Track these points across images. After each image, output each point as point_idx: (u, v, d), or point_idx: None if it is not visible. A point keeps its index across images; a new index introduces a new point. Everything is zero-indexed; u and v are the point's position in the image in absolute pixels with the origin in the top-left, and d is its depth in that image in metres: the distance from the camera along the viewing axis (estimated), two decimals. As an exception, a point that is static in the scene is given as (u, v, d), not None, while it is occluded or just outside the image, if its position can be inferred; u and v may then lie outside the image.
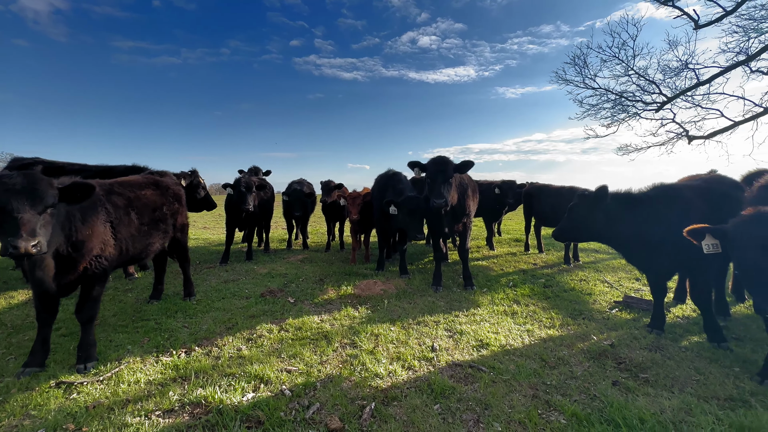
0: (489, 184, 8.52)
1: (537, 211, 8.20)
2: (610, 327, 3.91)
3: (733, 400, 2.56)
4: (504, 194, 8.22)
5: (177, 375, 2.88)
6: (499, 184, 8.28)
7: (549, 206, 7.67)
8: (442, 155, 4.83)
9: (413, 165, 5.02)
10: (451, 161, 4.77)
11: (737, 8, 8.39)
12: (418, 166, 4.97)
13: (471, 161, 4.83)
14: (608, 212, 3.73)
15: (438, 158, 4.78)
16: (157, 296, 4.67)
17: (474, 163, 4.82)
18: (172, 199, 4.34)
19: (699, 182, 4.01)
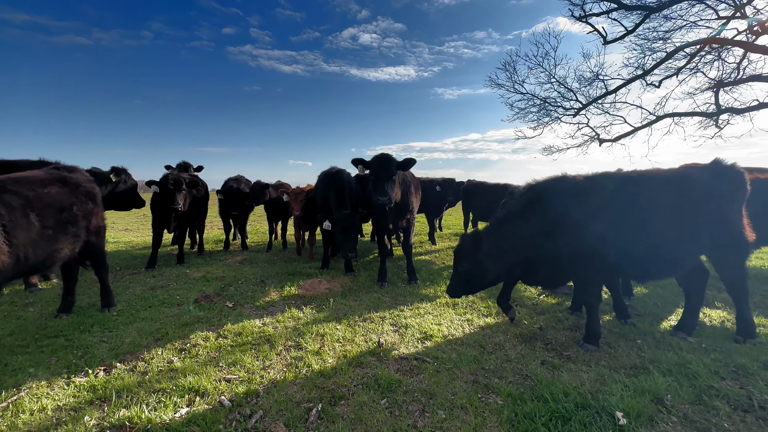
0: (430, 182, 8.83)
1: (475, 207, 8.72)
2: (539, 312, 4.29)
3: (637, 368, 2.97)
4: (444, 191, 8.59)
5: (94, 397, 2.55)
6: (439, 182, 8.63)
7: (486, 202, 8.21)
8: (385, 153, 4.90)
9: (357, 162, 5.04)
10: (394, 159, 4.84)
11: (636, 28, 9.67)
12: (362, 163, 5.01)
13: (413, 159, 4.96)
14: None
15: (381, 156, 4.83)
16: (66, 309, 4.08)
17: (416, 160, 4.95)
18: (84, 197, 3.82)
19: None
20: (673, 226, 3.28)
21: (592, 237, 3.22)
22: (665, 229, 3.28)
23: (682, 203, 3.28)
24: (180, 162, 8.18)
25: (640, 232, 3.27)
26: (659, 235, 3.28)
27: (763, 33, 8.47)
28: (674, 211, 3.28)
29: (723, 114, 9.88)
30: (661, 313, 4.19)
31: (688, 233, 3.29)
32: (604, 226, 3.24)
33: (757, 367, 2.89)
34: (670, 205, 3.28)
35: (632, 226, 3.27)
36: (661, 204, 3.28)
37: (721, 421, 2.28)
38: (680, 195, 3.30)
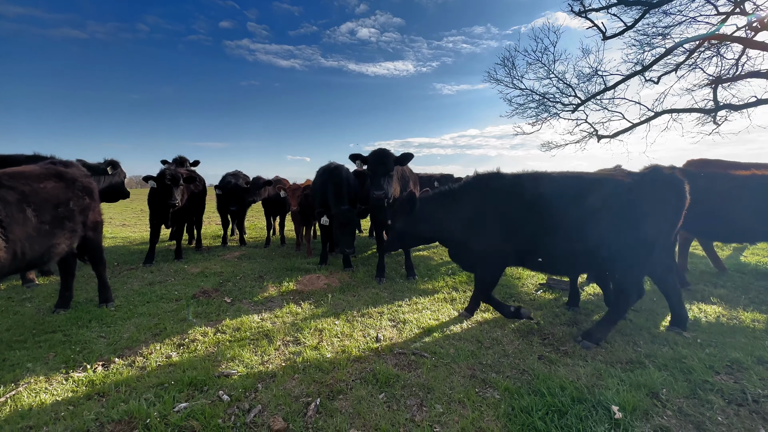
0: (429, 177, 8.83)
1: None
2: (536, 307, 4.31)
3: (633, 362, 2.99)
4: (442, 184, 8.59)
5: (93, 391, 2.55)
6: (438, 178, 8.63)
7: None
8: (383, 148, 4.90)
9: (355, 157, 5.02)
10: (391, 154, 4.83)
11: (635, 24, 9.64)
12: (360, 158, 4.98)
13: (411, 153, 4.94)
14: None
15: (379, 151, 4.82)
16: (64, 305, 4.08)
17: (414, 155, 4.94)
18: (80, 192, 3.80)
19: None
20: (590, 228, 3.29)
21: (501, 229, 3.52)
22: (579, 229, 3.32)
23: (602, 206, 3.27)
24: (176, 157, 8.15)
25: (552, 230, 3.40)
26: (572, 234, 3.35)
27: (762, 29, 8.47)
28: (592, 214, 3.28)
29: (721, 110, 9.89)
30: (657, 308, 4.22)
31: (607, 235, 3.26)
32: (514, 221, 3.47)
33: (751, 361, 2.92)
34: (588, 208, 3.29)
35: (544, 224, 3.40)
36: (577, 206, 3.32)
37: (715, 415, 2.31)
38: (602, 199, 3.29)
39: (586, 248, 3.37)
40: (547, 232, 3.43)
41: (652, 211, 3.22)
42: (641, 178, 3.37)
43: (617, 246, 3.26)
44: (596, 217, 3.28)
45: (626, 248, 3.27)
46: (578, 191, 3.39)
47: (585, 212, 3.31)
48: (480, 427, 2.22)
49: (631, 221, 3.22)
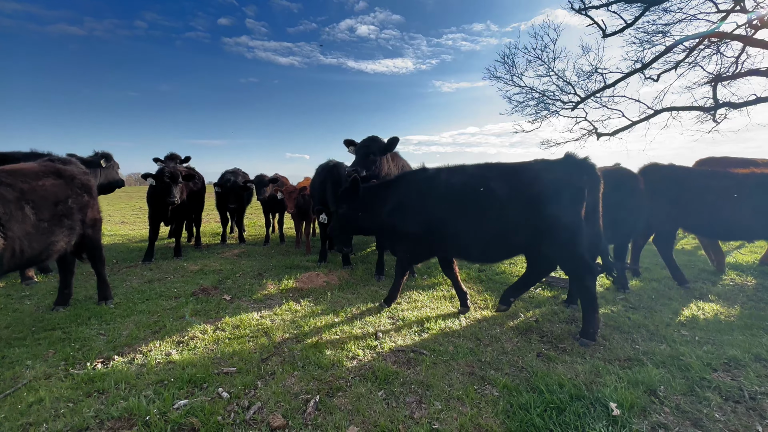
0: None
1: None
2: (535, 305, 4.32)
3: (631, 360, 3.00)
4: None
5: (93, 389, 2.56)
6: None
7: None
8: (373, 135, 5.03)
9: (348, 143, 5.21)
10: (379, 139, 4.97)
11: (635, 22, 9.62)
12: (352, 144, 5.15)
13: (396, 137, 5.02)
14: None
15: (367, 137, 5.00)
16: (63, 302, 4.08)
17: (399, 138, 5.01)
18: (79, 190, 3.80)
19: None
20: (506, 216, 3.45)
21: (424, 218, 3.78)
22: (494, 219, 3.49)
23: (517, 195, 3.43)
24: (168, 154, 8.02)
25: (470, 220, 3.58)
26: (488, 223, 3.53)
27: (762, 27, 8.46)
28: (506, 203, 3.44)
29: (721, 108, 9.90)
30: (655, 305, 4.24)
31: (522, 223, 3.43)
32: (435, 211, 3.74)
33: (748, 359, 2.94)
34: (503, 197, 3.45)
35: (464, 212, 3.60)
36: (493, 195, 3.48)
37: (712, 412, 2.32)
38: (517, 187, 3.46)
39: (506, 233, 3.52)
40: (467, 219, 3.61)
41: (567, 194, 3.36)
42: (555, 164, 3.54)
43: (539, 230, 3.40)
44: (514, 204, 3.43)
45: (550, 231, 3.38)
46: (496, 180, 3.54)
47: (502, 199, 3.46)
48: (479, 424, 2.23)
49: (549, 205, 3.34)
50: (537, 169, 3.53)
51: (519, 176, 3.52)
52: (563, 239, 3.36)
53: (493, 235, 3.55)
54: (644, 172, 5.10)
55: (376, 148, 4.88)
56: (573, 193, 3.35)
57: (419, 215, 3.81)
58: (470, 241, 3.68)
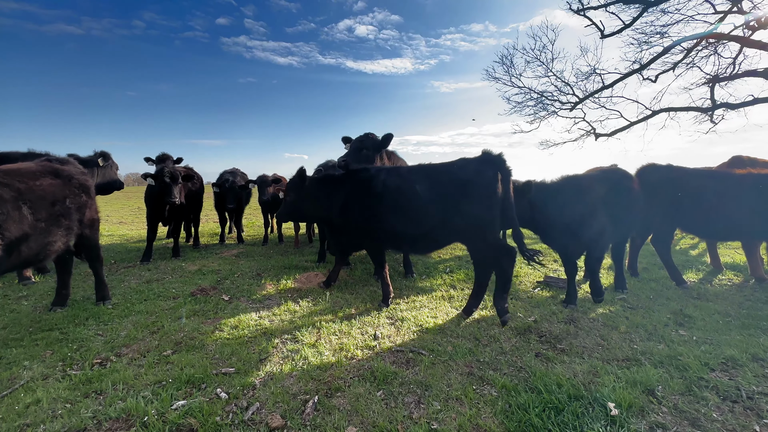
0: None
1: None
2: (534, 305, 4.33)
3: (629, 359, 3.01)
4: None
5: (90, 389, 2.55)
6: None
7: None
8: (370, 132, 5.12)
9: (346, 140, 5.28)
10: (374, 137, 5.04)
11: (633, 22, 9.65)
12: (350, 141, 5.21)
13: (390, 134, 5.10)
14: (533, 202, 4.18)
15: (364, 133, 5.09)
16: (61, 302, 4.06)
17: (393, 135, 5.09)
18: (77, 190, 3.79)
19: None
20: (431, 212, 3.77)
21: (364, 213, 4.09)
22: (421, 214, 3.80)
23: (438, 192, 3.76)
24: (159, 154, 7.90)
25: (401, 215, 3.88)
26: (416, 219, 3.84)
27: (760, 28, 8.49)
28: (435, 197, 3.75)
29: (718, 109, 9.93)
30: (653, 305, 4.25)
31: (449, 214, 3.73)
32: (373, 207, 4.02)
33: (746, 359, 2.95)
34: (428, 194, 3.77)
35: (395, 210, 3.90)
36: (419, 193, 3.80)
37: (710, 412, 2.33)
38: (438, 185, 3.79)
39: (433, 227, 3.83)
40: (402, 215, 3.91)
41: (481, 188, 3.66)
42: (472, 161, 3.86)
43: (460, 222, 3.71)
44: (436, 200, 3.76)
45: (468, 223, 3.71)
46: (421, 180, 3.87)
47: (429, 196, 3.77)
48: (477, 424, 2.23)
49: (466, 199, 3.66)
50: (455, 167, 3.86)
51: (440, 175, 3.86)
52: (478, 228, 3.70)
53: (421, 229, 3.88)
54: (642, 173, 5.11)
55: (370, 144, 4.95)
56: (485, 186, 3.66)
57: (359, 210, 4.13)
58: (402, 235, 4.02)
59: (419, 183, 3.86)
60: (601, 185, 4.27)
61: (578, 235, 4.16)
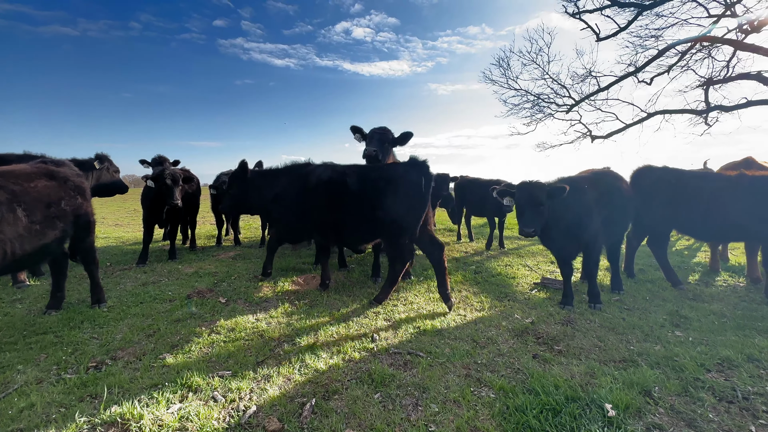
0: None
1: (468, 202, 8.75)
2: (531, 306, 4.34)
3: (626, 361, 3.02)
4: (438, 187, 8.59)
5: (85, 393, 2.52)
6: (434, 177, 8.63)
7: (478, 197, 8.24)
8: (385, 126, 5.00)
9: (355, 130, 5.05)
10: (390, 131, 4.91)
11: (628, 26, 9.73)
12: (360, 132, 5.02)
13: (410, 132, 4.93)
14: None
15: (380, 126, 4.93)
16: (56, 305, 4.02)
17: (413, 134, 4.92)
18: (72, 192, 3.76)
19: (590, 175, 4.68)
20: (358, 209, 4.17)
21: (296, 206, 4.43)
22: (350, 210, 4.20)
23: (366, 191, 4.14)
24: (155, 156, 7.83)
25: (333, 209, 4.26)
26: (345, 213, 4.22)
27: (753, 32, 8.59)
28: (364, 194, 4.13)
29: (712, 111, 10.02)
30: (650, 306, 4.27)
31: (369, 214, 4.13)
32: (308, 202, 4.38)
33: (741, 359, 2.96)
34: (357, 192, 4.16)
35: (327, 204, 4.28)
36: (349, 191, 4.17)
37: (706, 412, 2.34)
38: (367, 184, 4.15)
39: (359, 223, 4.22)
40: (334, 210, 4.26)
41: (403, 190, 4.02)
42: (399, 165, 4.24)
43: (386, 218, 4.07)
44: (363, 198, 4.12)
45: (392, 220, 4.05)
46: (353, 178, 4.19)
47: (355, 194, 4.15)
48: (475, 426, 2.23)
49: (392, 197, 4.00)
50: (385, 168, 4.24)
51: (371, 174, 4.21)
52: (401, 225, 4.06)
53: (350, 224, 4.26)
54: (638, 174, 5.14)
55: (390, 138, 4.85)
56: (410, 187, 4.01)
57: (296, 203, 4.46)
58: (332, 227, 4.39)
59: (351, 180, 4.18)
60: (594, 187, 4.30)
61: (574, 236, 4.18)
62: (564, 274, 4.35)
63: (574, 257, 4.48)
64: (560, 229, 4.13)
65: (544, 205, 3.89)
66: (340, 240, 4.65)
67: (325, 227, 4.44)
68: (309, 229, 4.62)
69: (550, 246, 4.49)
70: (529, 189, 3.94)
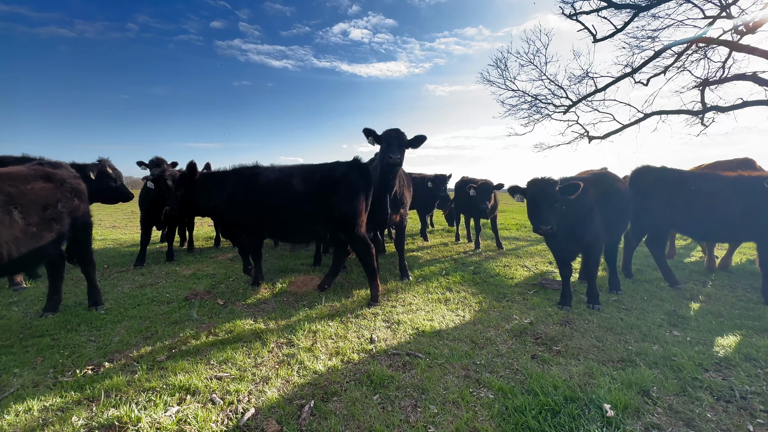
0: (422, 178, 8.84)
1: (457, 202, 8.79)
2: (529, 307, 4.34)
3: (624, 361, 3.03)
4: (437, 188, 8.60)
5: (82, 396, 2.51)
6: (431, 178, 8.64)
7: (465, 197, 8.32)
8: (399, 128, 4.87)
9: (368, 132, 4.85)
10: (404, 133, 4.75)
11: (624, 27, 9.78)
12: (373, 134, 4.82)
13: (424, 135, 4.78)
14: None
15: (392, 128, 4.79)
16: (53, 308, 4.00)
17: (426, 137, 4.78)
18: (69, 194, 3.74)
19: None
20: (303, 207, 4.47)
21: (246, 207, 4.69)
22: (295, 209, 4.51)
23: (311, 190, 4.44)
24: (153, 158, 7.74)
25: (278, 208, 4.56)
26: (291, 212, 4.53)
27: (748, 33, 8.64)
28: (308, 193, 4.43)
29: (709, 112, 10.08)
30: (648, 306, 4.28)
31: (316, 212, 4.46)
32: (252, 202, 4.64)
33: (739, 359, 2.98)
34: (301, 192, 4.45)
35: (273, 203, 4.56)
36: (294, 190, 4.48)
37: (704, 412, 2.35)
38: (311, 184, 4.45)
39: (305, 221, 4.53)
40: (277, 209, 4.55)
41: (346, 188, 4.36)
42: (341, 164, 4.53)
43: (328, 215, 4.39)
44: (308, 197, 4.42)
45: (334, 215, 4.37)
46: (297, 178, 4.49)
47: (300, 193, 4.43)
48: (474, 427, 2.23)
49: (334, 195, 4.34)
50: (327, 168, 4.51)
51: (314, 174, 4.49)
52: (342, 220, 4.36)
53: (296, 222, 4.54)
54: (636, 174, 5.16)
55: (404, 141, 4.72)
56: (351, 186, 4.35)
57: (241, 202, 4.67)
58: (278, 225, 4.69)
59: (296, 180, 4.48)
60: (595, 188, 4.30)
61: (575, 237, 4.17)
62: (563, 274, 4.36)
63: (574, 258, 4.49)
64: (563, 230, 4.11)
65: (558, 201, 3.79)
66: (283, 235, 4.94)
67: (270, 223, 4.72)
68: (257, 227, 4.82)
69: (552, 246, 4.45)
70: (542, 185, 3.84)
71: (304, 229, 4.65)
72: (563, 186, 3.81)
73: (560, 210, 3.84)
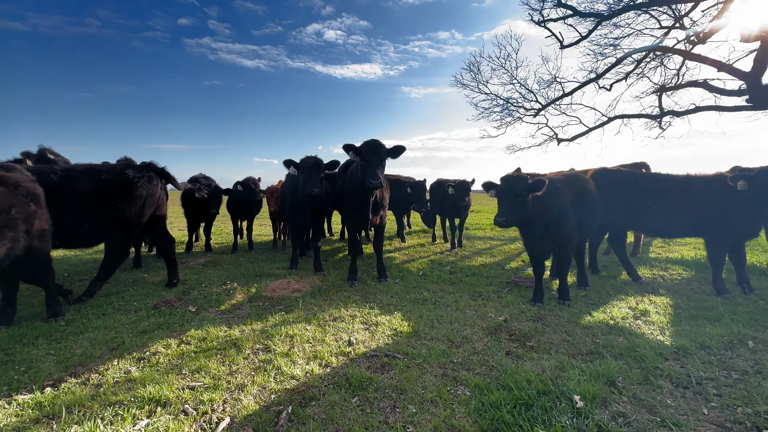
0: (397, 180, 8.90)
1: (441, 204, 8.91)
2: (504, 305, 4.46)
3: (592, 353, 3.17)
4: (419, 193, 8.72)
5: (41, 414, 2.35)
6: (411, 184, 8.73)
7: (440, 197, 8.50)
8: (376, 139, 4.86)
9: (348, 148, 4.87)
10: (384, 145, 4.81)
11: (589, 34, 10.25)
12: (353, 149, 4.84)
13: (402, 146, 4.89)
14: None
15: (372, 141, 4.79)
16: (6, 321, 3.72)
17: (405, 148, 4.88)
18: (24, 198, 3.50)
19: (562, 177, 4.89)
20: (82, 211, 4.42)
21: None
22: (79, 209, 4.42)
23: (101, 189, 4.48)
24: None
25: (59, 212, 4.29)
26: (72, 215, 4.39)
27: (699, 42, 9.28)
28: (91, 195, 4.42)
29: (665, 116, 10.72)
30: (613, 301, 4.50)
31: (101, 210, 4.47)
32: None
33: (694, 347, 3.19)
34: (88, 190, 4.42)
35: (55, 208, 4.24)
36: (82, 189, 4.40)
37: (664, 399, 2.50)
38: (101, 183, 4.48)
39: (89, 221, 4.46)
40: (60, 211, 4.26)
41: (137, 190, 4.58)
42: (125, 168, 4.68)
43: (116, 216, 4.51)
44: (96, 197, 4.40)
45: (120, 216, 4.50)
46: (81, 178, 4.43)
47: (85, 194, 4.37)
48: (452, 424, 2.26)
49: (122, 197, 4.51)
50: (116, 169, 4.61)
51: (100, 175, 4.49)
52: (128, 220, 4.56)
53: (76, 224, 4.41)
54: (594, 176, 5.42)
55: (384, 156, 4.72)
56: (141, 188, 4.57)
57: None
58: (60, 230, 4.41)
59: (78, 182, 4.41)
60: (568, 189, 4.48)
61: (550, 236, 4.32)
62: (536, 272, 4.51)
63: (549, 257, 4.66)
64: (539, 229, 4.25)
65: (522, 197, 3.93)
66: (67, 242, 4.59)
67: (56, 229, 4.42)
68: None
69: (527, 245, 4.59)
70: (509, 180, 4.02)
71: (84, 231, 4.55)
72: (533, 182, 3.95)
73: (523, 205, 3.97)
